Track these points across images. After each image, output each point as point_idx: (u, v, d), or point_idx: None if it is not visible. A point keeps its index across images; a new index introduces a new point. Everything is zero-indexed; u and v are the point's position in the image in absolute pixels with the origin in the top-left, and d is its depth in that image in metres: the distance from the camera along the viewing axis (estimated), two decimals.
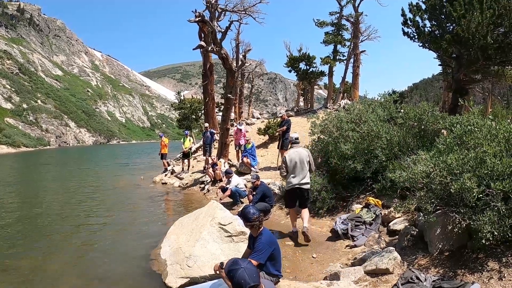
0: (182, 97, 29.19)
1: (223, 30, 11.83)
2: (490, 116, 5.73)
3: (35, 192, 13.92)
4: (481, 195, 3.91)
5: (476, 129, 4.95)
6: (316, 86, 31.29)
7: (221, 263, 3.64)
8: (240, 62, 12.70)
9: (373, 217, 6.42)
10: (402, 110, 8.48)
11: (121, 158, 33.98)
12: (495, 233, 3.68)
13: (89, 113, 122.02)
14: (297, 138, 6.72)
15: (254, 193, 8.10)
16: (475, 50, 10.35)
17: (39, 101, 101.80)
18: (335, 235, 6.27)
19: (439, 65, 17.09)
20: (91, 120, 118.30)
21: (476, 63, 10.92)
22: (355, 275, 4.09)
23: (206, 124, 14.81)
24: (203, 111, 23.52)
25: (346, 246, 5.77)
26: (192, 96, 30.88)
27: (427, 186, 4.60)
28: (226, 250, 4.99)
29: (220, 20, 14.07)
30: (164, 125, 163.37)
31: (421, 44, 12.57)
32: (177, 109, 28.05)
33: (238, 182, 9.28)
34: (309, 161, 6.49)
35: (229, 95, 12.09)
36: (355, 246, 5.66)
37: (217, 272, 3.73)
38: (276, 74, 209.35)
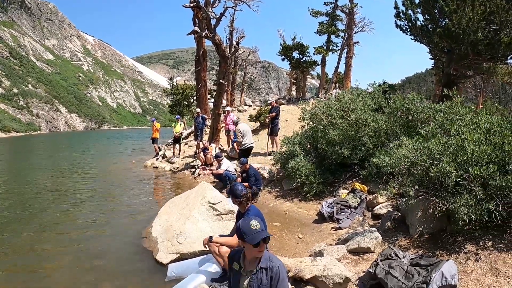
0: (174, 83, 28.98)
1: (217, 17, 11.78)
2: (472, 106, 5.91)
3: (25, 177, 13.85)
4: (459, 179, 4.06)
5: (458, 117, 5.13)
6: (308, 76, 31.34)
7: (210, 237, 3.77)
8: (233, 49, 12.68)
9: (359, 201, 6.59)
10: (390, 101, 8.64)
11: (112, 144, 33.80)
12: (472, 216, 3.84)
13: (80, 98, 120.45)
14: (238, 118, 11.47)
15: (244, 175, 8.22)
16: (465, 45, 10.50)
17: (29, 85, 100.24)
18: (321, 218, 6.44)
19: (430, 58, 17.23)
20: (82, 105, 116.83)
21: (466, 58, 11.07)
22: (338, 253, 4.26)
23: (198, 109, 14.83)
24: (195, 97, 23.42)
25: (331, 228, 5.94)
26: (184, 82, 30.64)
27: (409, 171, 4.76)
28: (215, 228, 5.13)
29: (215, 7, 13.97)
30: (155, 111, 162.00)
31: (413, 37, 12.67)
32: (169, 94, 27.85)
33: (228, 165, 9.40)
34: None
35: (221, 81, 12.12)
36: (340, 228, 5.83)
37: (206, 245, 3.86)
38: (270, 62, 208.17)
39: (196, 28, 11.98)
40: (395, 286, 3.00)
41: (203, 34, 11.11)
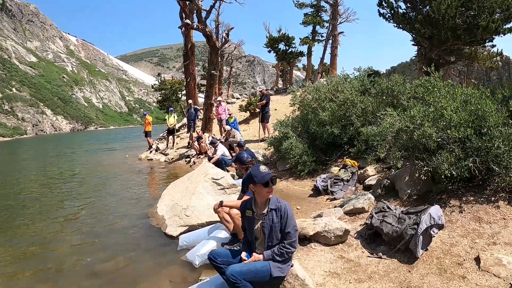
0: (162, 79, 29.05)
1: (207, 9, 12.01)
2: (450, 81, 6.34)
3: (31, 174, 13.94)
4: (440, 140, 4.47)
5: (436, 90, 5.56)
6: (294, 68, 31.67)
7: (221, 202, 4.10)
8: (223, 40, 12.93)
9: (350, 175, 6.98)
10: (375, 83, 9.06)
11: (101, 143, 33.72)
12: (454, 173, 4.25)
13: (66, 99, 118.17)
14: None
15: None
16: (445, 30, 11.00)
17: (14, 89, 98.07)
18: (316, 192, 6.81)
19: (413, 44, 17.71)
20: (67, 107, 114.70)
21: (447, 42, 11.58)
22: (336, 215, 4.64)
23: (190, 101, 15.07)
24: (184, 92, 23.58)
25: (327, 199, 6.32)
26: (172, 77, 30.74)
27: (395, 138, 5.18)
28: (220, 200, 5.44)
29: (203, 0, 14.20)
30: (142, 109, 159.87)
31: (396, 25, 13.10)
32: (157, 90, 27.93)
33: (223, 150, 9.69)
34: None
35: (212, 72, 12.38)
36: (335, 199, 6.21)
37: (216, 211, 4.18)
38: (254, 56, 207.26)
39: (188, 21, 12.21)
40: (390, 230, 3.39)
41: (195, 26, 11.34)
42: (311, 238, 3.94)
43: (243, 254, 2.91)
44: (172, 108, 15.92)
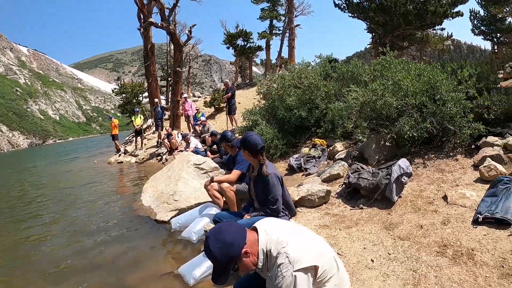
0: (122, 82, 28.39)
1: (170, 7, 12.02)
2: (404, 58, 6.90)
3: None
4: (399, 107, 4.94)
5: (392, 66, 6.07)
6: (252, 63, 32.01)
7: (212, 177, 4.30)
8: (186, 37, 12.97)
9: (321, 153, 7.38)
10: (336, 68, 9.55)
11: (64, 154, 32.41)
12: (415, 134, 4.73)
13: (21, 114, 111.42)
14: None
15: (214, 147, 8.73)
16: (397, 16, 11.79)
17: None
18: (291, 170, 7.15)
19: (368, 32, 18.55)
20: (23, 121, 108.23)
21: (399, 27, 12.39)
22: (314, 183, 4.97)
23: (156, 100, 14.98)
24: (146, 93, 23.24)
25: (302, 175, 6.66)
26: (132, 80, 30.10)
27: (360, 112, 5.63)
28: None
29: None
30: (100, 118, 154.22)
31: (351, 14, 13.75)
32: (118, 94, 27.25)
33: (196, 143, 9.83)
34: None
35: (178, 69, 12.43)
36: (309, 174, 6.57)
37: (208, 187, 4.38)
38: (211, 56, 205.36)
39: (152, 19, 12.15)
40: (367, 184, 3.76)
41: (159, 24, 11.32)
42: (296, 203, 4.23)
43: (246, 215, 3.17)
44: (138, 109, 15.73)
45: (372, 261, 2.57)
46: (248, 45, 25.36)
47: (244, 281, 2.14)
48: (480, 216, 2.72)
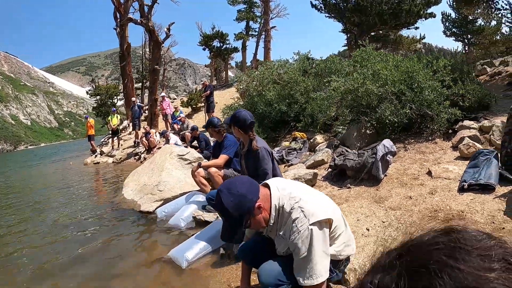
0: (97, 83, 27.68)
1: (149, 4, 11.83)
2: (382, 50, 7.08)
3: None
4: (380, 94, 5.05)
5: (372, 57, 6.22)
6: (228, 65, 31.96)
7: (199, 163, 4.24)
8: (165, 35, 12.80)
9: (302, 145, 7.43)
10: (315, 64, 9.68)
11: (38, 158, 31.12)
12: (395, 120, 4.84)
13: None
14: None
15: (195, 142, 8.65)
16: (373, 16, 12.08)
17: None
18: None
19: (343, 32, 18.81)
20: None
21: (375, 27, 12.71)
22: (299, 169, 5.00)
23: (133, 98, 14.67)
24: (122, 94, 22.77)
25: (285, 165, 6.68)
26: (106, 82, 29.42)
27: (341, 101, 5.72)
28: (189, 174, 5.53)
29: None
30: (72, 123, 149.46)
31: (327, 15, 13.98)
32: (92, 95, 26.53)
33: (176, 139, 9.70)
34: None
35: (156, 67, 12.23)
36: (292, 164, 6.60)
37: (194, 174, 4.31)
38: (185, 59, 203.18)
39: (131, 16, 11.89)
40: (353, 164, 3.81)
41: (138, 20, 11.12)
42: None
43: None
44: (115, 109, 15.33)
45: (368, 229, 2.61)
46: (224, 46, 25.32)
47: (250, 245, 2.08)
48: (465, 183, 2.81)
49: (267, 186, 1.79)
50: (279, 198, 1.71)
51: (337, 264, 1.83)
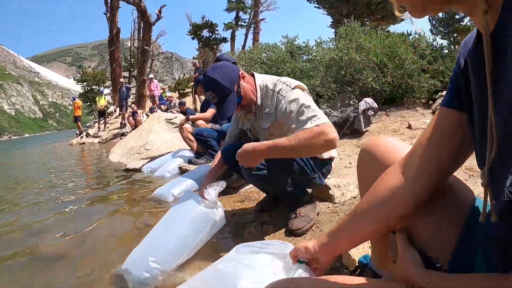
0: (84, 69, 27.14)
1: None
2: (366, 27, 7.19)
3: None
4: (362, 62, 5.17)
5: (356, 33, 6.34)
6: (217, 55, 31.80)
7: (187, 117, 4.24)
8: (156, 17, 12.62)
9: None
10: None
11: (21, 144, 30.29)
12: (377, 87, 4.96)
13: None
14: None
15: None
16: (360, 6, 12.21)
17: None
18: None
19: (332, 22, 18.71)
20: None
21: (362, 17, 12.82)
22: None
23: (122, 79, 14.47)
24: (108, 82, 22.41)
25: None
26: (93, 70, 28.90)
27: (326, 72, 5.82)
28: (176, 137, 5.51)
29: None
30: (57, 114, 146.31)
31: (316, 5, 14.05)
32: (79, 81, 26.01)
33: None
34: None
35: (146, 47, 12.09)
36: None
37: (182, 128, 4.30)
38: (172, 53, 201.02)
39: None
40: (336, 119, 3.89)
41: (131, 0, 10.95)
42: None
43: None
44: (102, 90, 15.09)
45: (350, 163, 2.67)
46: (214, 36, 25.16)
47: (232, 148, 2.07)
48: None
49: (251, 74, 1.87)
50: (262, 80, 1.81)
51: (321, 166, 1.86)
